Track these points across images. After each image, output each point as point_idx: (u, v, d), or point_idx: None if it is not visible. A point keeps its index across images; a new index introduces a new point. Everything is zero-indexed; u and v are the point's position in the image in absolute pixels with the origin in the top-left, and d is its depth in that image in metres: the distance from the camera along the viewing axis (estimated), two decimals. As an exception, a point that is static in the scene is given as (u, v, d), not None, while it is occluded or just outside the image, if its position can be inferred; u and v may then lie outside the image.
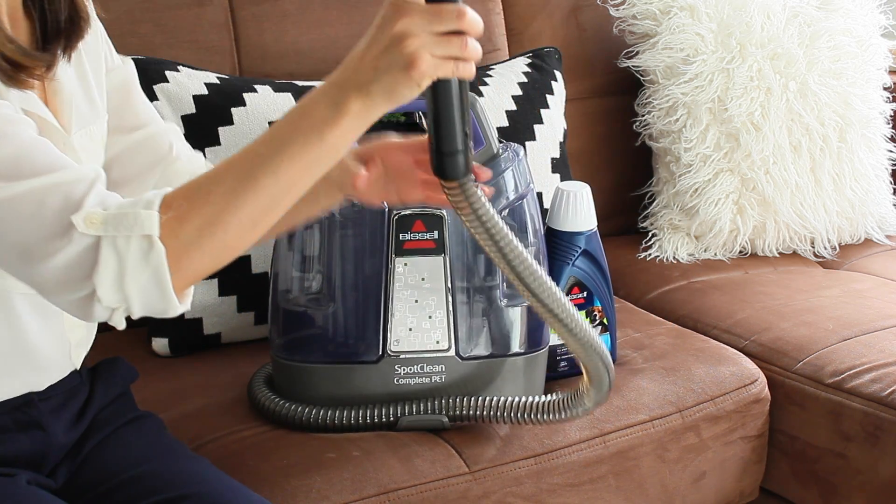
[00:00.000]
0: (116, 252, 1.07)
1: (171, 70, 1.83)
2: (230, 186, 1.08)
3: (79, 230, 1.07)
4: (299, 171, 1.09)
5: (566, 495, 1.60)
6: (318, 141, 1.07)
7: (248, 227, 1.10)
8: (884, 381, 1.73)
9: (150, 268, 1.07)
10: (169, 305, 1.10)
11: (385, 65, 1.05)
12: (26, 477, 1.26)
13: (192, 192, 1.09)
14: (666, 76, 2.18)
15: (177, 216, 1.07)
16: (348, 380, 1.56)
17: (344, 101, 1.06)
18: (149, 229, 1.07)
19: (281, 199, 1.10)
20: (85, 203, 1.08)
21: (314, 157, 1.08)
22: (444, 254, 1.54)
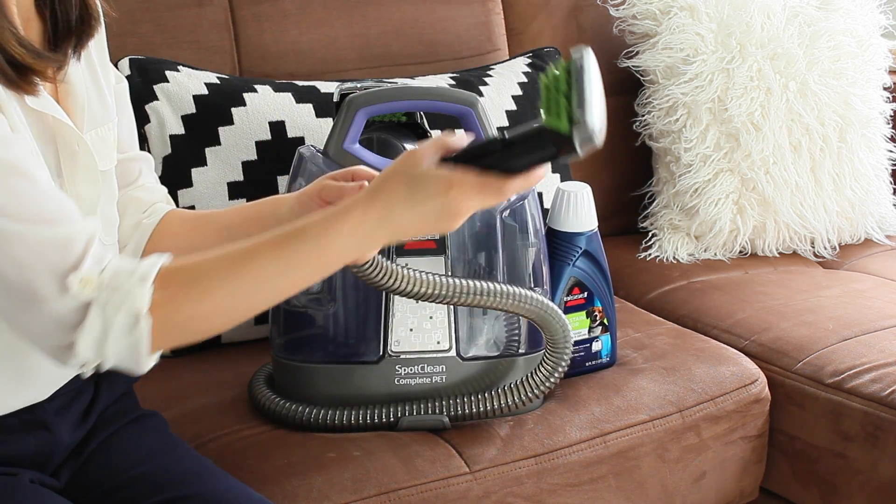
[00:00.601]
0: (104, 318, 1.10)
1: (171, 70, 1.83)
2: (230, 290, 1.12)
3: (72, 291, 1.09)
4: (300, 285, 1.16)
5: (566, 495, 1.60)
6: (326, 269, 1.16)
7: (233, 321, 1.15)
8: (884, 381, 1.73)
9: (131, 339, 1.10)
10: (138, 368, 1.13)
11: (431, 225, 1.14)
12: (29, 476, 1.27)
13: (190, 280, 1.12)
14: (666, 76, 2.18)
15: (169, 301, 1.10)
16: (349, 380, 1.56)
17: (375, 243, 1.16)
18: (138, 307, 1.09)
19: (272, 302, 1.16)
20: (83, 264, 1.10)
21: (318, 279, 1.17)
22: (444, 254, 1.54)
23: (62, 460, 1.33)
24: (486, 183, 1.12)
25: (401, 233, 1.15)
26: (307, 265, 1.13)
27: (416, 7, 2.10)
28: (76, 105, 1.27)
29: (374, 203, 1.13)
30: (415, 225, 1.14)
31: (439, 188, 1.12)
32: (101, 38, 1.36)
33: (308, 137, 1.83)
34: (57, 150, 1.24)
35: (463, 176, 1.12)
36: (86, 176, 1.27)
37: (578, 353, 1.72)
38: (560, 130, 1.08)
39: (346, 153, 1.56)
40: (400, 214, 1.13)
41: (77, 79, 1.27)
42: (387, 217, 1.13)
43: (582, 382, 1.71)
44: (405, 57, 2.07)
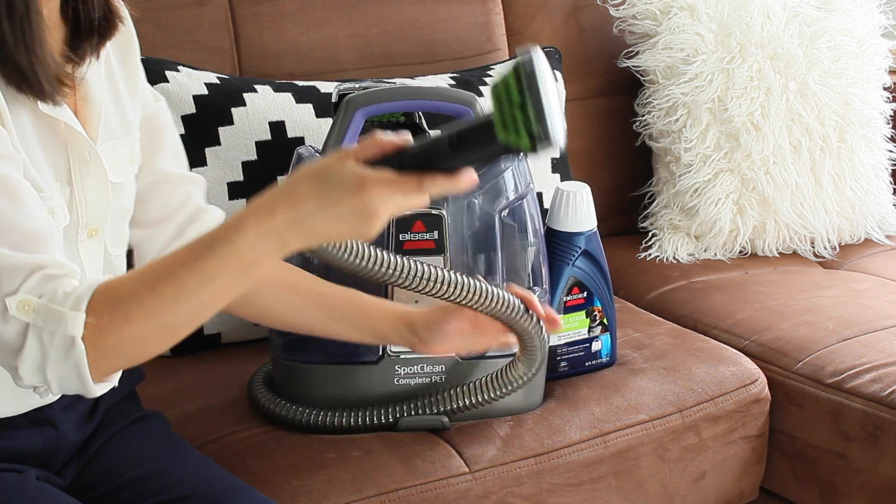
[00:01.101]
0: (41, 343, 1.10)
1: (171, 70, 1.83)
2: (151, 311, 1.09)
3: (10, 312, 1.09)
4: (222, 298, 1.11)
5: (566, 495, 1.60)
6: (245, 277, 1.10)
7: (169, 339, 1.13)
8: (884, 381, 1.73)
9: (70, 363, 1.10)
10: (88, 392, 1.13)
11: (346, 234, 1.08)
12: (36, 473, 1.27)
13: (115, 304, 1.10)
14: (666, 76, 2.18)
15: (98, 327, 1.09)
16: (348, 380, 1.56)
17: (282, 248, 1.09)
18: (72, 331, 1.09)
19: (203, 317, 1.12)
20: (21, 286, 1.10)
21: (240, 287, 1.11)
22: (443, 254, 1.54)
23: (67, 459, 1.34)
24: (404, 181, 1.06)
25: (315, 235, 1.09)
26: (223, 274, 1.09)
27: (416, 7, 2.10)
28: (92, 115, 1.27)
29: (279, 204, 1.08)
30: (330, 227, 1.07)
31: (352, 187, 1.06)
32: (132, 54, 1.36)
33: (308, 137, 1.83)
34: (68, 157, 1.24)
35: (377, 174, 1.06)
36: (96, 185, 1.27)
37: (578, 352, 1.72)
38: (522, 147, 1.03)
39: (346, 153, 1.56)
40: (311, 216, 1.07)
41: (96, 89, 1.27)
42: (296, 220, 1.07)
43: (582, 382, 1.71)
44: (405, 57, 2.07)
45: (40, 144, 1.20)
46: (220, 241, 1.09)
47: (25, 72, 1.16)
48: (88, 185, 1.26)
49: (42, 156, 1.21)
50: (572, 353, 1.72)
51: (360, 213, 1.06)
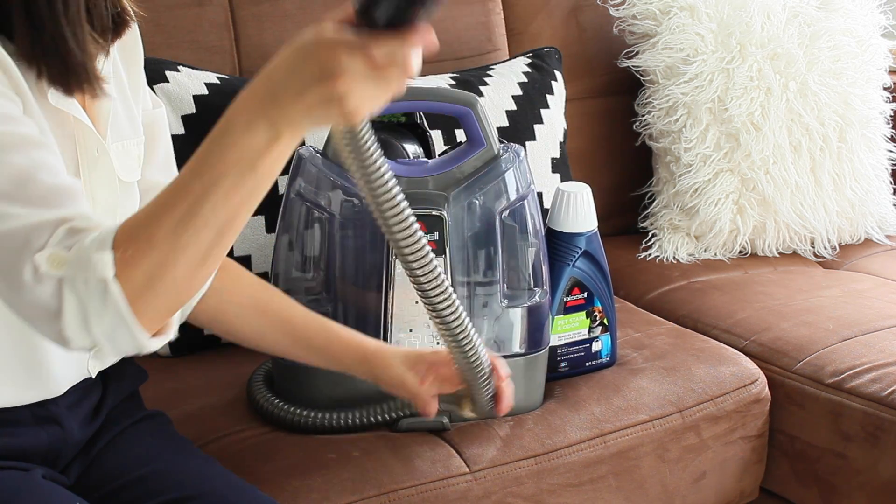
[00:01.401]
0: (77, 295, 1.05)
1: (171, 70, 1.83)
2: (170, 228, 1.04)
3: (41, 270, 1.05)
4: (238, 202, 1.04)
5: (566, 495, 1.60)
6: (251, 172, 1.03)
7: (198, 263, 1.06)
8: (884, 381, 1.73)
9: (110, 310, 1.04)
10: (139, 343, 1.07)
11: (314, 99, 0.99)
12: (42, 472, 1.27)
13: (135, 233, 1.05)
14: (666, 76, 2.18)
15: (124, 260, 1.04)
16: (348, 380, 1.56)
17: (274, 132, 1.01)
18: (101, 272, 1.03)
19: (225, 230, 1.06)
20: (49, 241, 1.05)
21: (251, 186, 1.04)
22: (444, 254, 1.54)
23: (72, 457, 1.34)
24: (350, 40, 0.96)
25: (287, 108, 1.00)
26: (228, 172, 1.02)
27: (416, 7, 2.09)
28: (101, 113, 1.27)
29: (259, 79, 1.02)
30: (295, 95, 0.98)
31: (308, 52, 0.98)
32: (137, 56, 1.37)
33: (308, 138, 1.83)
34: (76, 153, 1.24)
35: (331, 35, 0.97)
36: (104, 181, 1.27)
37: (578, 353, 1.72)
38: None
39: (346, 153, 1.56)
40: (281, 84, 0.99)
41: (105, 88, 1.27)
42: (270, 91, 1.00)
43: (582, 382, 1.71)
44: (405, 57, 2.07)
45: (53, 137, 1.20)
46: (218, 133, 1.03)
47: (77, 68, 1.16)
48: (97, 182, 1.25)
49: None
50: (572, 354, 1.72)
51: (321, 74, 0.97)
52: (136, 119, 1.35)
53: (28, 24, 1.15)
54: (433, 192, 1.54)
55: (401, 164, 1.58)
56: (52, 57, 1.15)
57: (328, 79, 0.97)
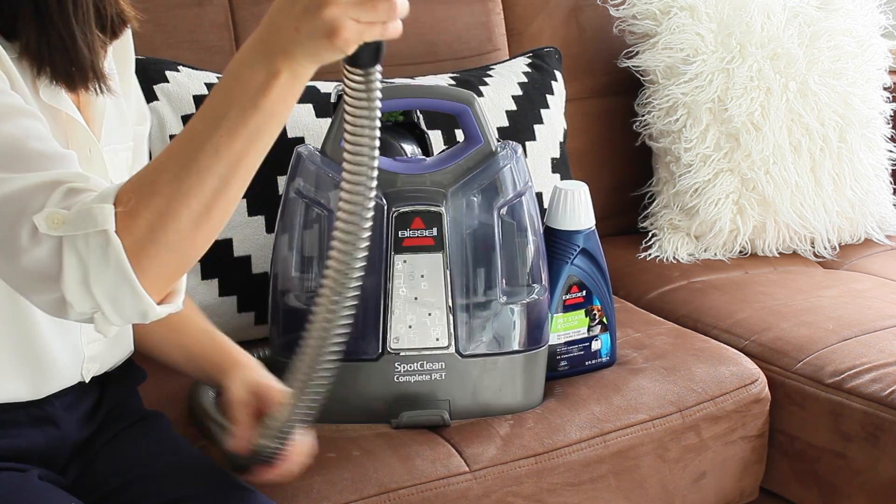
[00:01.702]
0: (77, 253, 1.03)
1: (171, 70, 1.83)
2: (173, 173, 1.02)
3: (41, 230, 1.03)
4: (242, 145, 1.02)
5: (566, 495, 1.60)
6: (253, 109, 1.01)
7: (202, 214, 1.03)
8: (884, 381, 1.73)
9: (111, 266, 1.02)
10: (143, 305, 1.05)
11: (307, 30, 0.97)
12: (38, 473, 1.27)
13: (138, 184, 1.04)
14: (666, 76, 2.18)
15: (126, 211, 1.02)
16: (349, 378, 1.56)
17: (272, 66, 1.00)
18: (102, 224, 1.02)
19: (229, 178, 1.03)
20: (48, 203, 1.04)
21: (254, 127, 1.01)
22: (443, 251, 1.54)
23: (70, 458, 1.34)
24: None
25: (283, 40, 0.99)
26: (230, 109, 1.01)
27: (416, 7, 2.08)
28: (95, 115, 1.27)
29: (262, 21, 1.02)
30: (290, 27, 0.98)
31: None
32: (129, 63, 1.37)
33: (308, 137, 1.83)
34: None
35: None
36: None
37: (578, 352, 1.72)
38: None
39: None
40: (277, 18, 0.99)
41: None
42: (268, 27, 1.00)
43: (582, 382, 1.71)
44: (405, 57, 2.07)
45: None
46: (223, 76, 1.02)
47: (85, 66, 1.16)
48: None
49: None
50: (572, 353, 1.72)
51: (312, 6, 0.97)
52: (127, 123, 1.35)
53: (37, 23, 1.15)
54: (431, 189, 1.54)
55: (399, 162, 1.58)
56: (60, 55, 1.16)
57: (319, 6, 0.96)
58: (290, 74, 1.00)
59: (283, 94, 1.01)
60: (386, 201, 1.53)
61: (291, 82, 1.01)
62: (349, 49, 0.98)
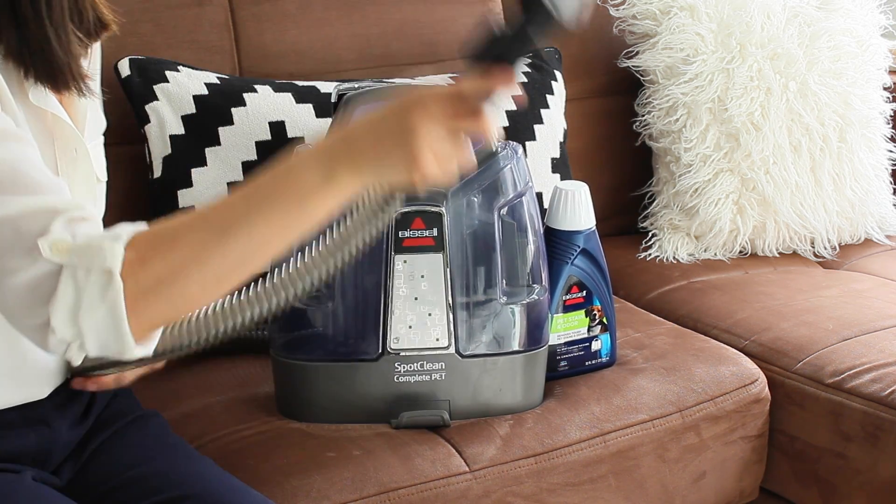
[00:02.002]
0: (75, 283, 1.04)
1: (171, 70, 1.83)
2: (200, 237, 1.05)
3: (43, 255, 1.04)
4: (273, 234, 1.05)
5: (566, 495, 1.60)
6: (297, 208, 1.05)
7: (213, 283, 1.06)
8: (884, 381, 1.73)
9: (106, 304, 1.04)
10: (124, 347, 1.06)
11: (389, 152, 1.03)
12: (32, 474, 1.27)
13: (159, 235, 1.06)
14: (666, 76, 2.18)
15: (139, 258, 1.04)
16: (349, 378, 1.56)
17: (332, 174, 1.04)
18: (110, 263, 1.03)
19: (250, 259, 1.05)
20: (53, 228, 1.05)
21: (291, 221, 1.05)
22: (443, 251, 1.54)
23: (63, 459, 1.34)
24: (436, 92, 1.04)
25: (359, 152, 1.04)
26: (276, 200, 1.04)
27: (416, 7, 2.10)
28: (78, 113, 1.28)
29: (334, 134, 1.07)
30: (372, 144, 1.03)
31: (396, 100, 1.04)
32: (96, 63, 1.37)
33: (308, 137, 1.83)
34: (55, 152, 1.24)
35: (420, 86, 1.04)
36: (83, 181, 1.28)
37: (578, 352, 1.72)
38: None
39: (345, 151, 1.56)
40: (360, 131, 1.04)
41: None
42: (346, 137, 1.04)
43: (582, 382, 1.71)
44: (405, 57, 2.07)
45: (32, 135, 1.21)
46: (277, 164, 1.05)
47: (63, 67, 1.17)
48: (76, 180, 1.26)
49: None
50: (572, 353, 1.72)
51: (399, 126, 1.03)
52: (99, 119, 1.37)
53: (13, 24, 1.16)
54: (432, 189, 1.54)
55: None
56: (37, 57, 1.17)
57: (409, 132, 1.02)
58: (345, 186, 1.05)
59: (329, 201, 1.05)
60: None
61: (344, 194, 1.05)
62: (420, 187, 1.04)
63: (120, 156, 1.85)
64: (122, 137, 1.81)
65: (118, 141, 1.84)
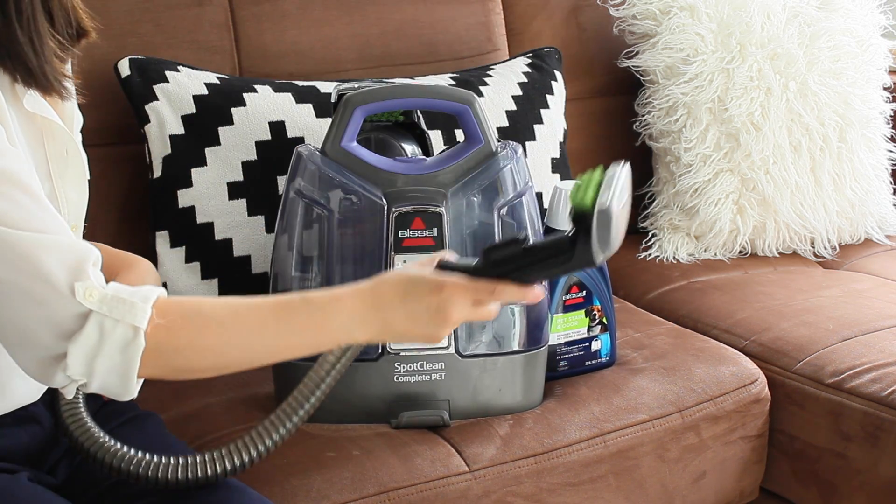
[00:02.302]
0: (101, 331, 1.12)
1: (171, 70, 1.83)
2: (227, 338, 1.16)
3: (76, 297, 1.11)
4: (286, 354, 1.19)
5: (566, 495, 1.60)
6: (316, 345, 1.20)
7: (220, 368, 1.20)
8: (884, 381, 1.73)
9: (124, 357, 1.13)
10: (126, 394, 1.16)
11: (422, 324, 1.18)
12: (27, 474, 1.27)
13: (191, 312, 1.16)
14: (666, 76, 2.18)
15: (167, 327, 1.14)
16: (349, 378, 1.56)
17: (358, 338, 1.19)
18: (140, 322, 1.12)
19: (261, 361, 1.20)
20: (89, 274, 1.12)
21: (305, 350, 1.19)
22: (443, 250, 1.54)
23: (58, 458, 1.34)
24: (477, 287, 1.16)
25: (392, 329, 1.18)
26: (302, 332, 1.17)
27: (416, 7, 2.10)
28: (65, 111, 1.30)
29: (371, 293, 1.18)
30: (406, 323, 1.17)
31: (431, 287, 1.16)
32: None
33: (308, 137, 1.83)
34: (46, 154, 1.26)
35: (455, 279, 1.16)
36: (74, 181, 1.30)
37: (578, 352, 1.72)
38: (582, 208, 1.14)
39: (344, 151, 1.56)
40: (392, 309, 1.16)
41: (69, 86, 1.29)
42: (377, 308, 1.17)
43: (581, 382, 1.71)
44: (405, 57, 2.07)
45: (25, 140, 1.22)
46: (314, 306, 1.18)
47: (35, 70, 1.19)
48: (68, 181, 1.28)
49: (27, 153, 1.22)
50: (572, 353, 1.72)
51: (436, 313, 1.16)
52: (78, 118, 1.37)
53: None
54: (432, 189, 1.54)
55: (399, 162, 1.58)
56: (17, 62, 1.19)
57: (443, 320, 1.17)
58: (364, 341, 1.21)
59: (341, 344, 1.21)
60: (386, 201, 1.53)
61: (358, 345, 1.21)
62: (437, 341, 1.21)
63: (120, 156, 1.86)
64: (122, 137, 1.81)
65: (118, 141, 1.85)
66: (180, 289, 1.76)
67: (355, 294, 1.18)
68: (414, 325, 1.18)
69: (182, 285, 1.78)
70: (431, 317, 1.17)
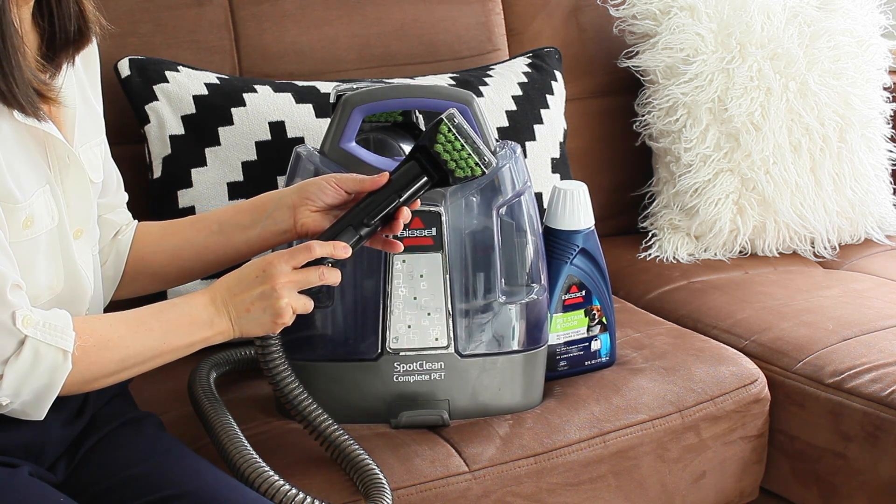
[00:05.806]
0: (36, 353, 1.20)
1: (171, 70, 1.83)
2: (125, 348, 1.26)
3: (16, 325, 1.19)
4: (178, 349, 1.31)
5: (566, 495, 1.60)
6: (188, 349, 1.32)
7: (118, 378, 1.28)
8: (884, 381, 1.73)
9: (52, 379, 1.21)
10: (37, 415, 1.24)
11: (258, 311, 1.30)
12: (28, 469, 1.27)
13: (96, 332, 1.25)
14: (666, 76, 2.18)
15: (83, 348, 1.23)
16: (348, 378, 1.56)
17: (219, 325, 1.31)
18: (67, 346, 1.21)
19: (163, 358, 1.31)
20: (16, 302, 1.19)
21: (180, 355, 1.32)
22: (442, 251, 1.54)
23: (57, 455, 1.34)
24: (293, 250, 1.29)
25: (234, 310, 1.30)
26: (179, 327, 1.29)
27: (416, 7, 2.10)
28: (66, 119, 1.30)
29: (207, 291, 1.31)
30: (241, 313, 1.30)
31: (257, 267, 1.30)
32: (93, 57, 1.38)
33: (308, 138, 1.83)
34: (48, 160, 1.27)
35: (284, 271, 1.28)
36: (77, 186, 1.31)
37: (577, 352, 1.72)
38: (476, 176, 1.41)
39: (343, 151, 1.56)
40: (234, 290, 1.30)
41: (69, 94, 1.30)
42: (223, 297, 1.30)
43: (581, 382, 1.71)
44: (405, 57, 2.07)
45: (21, 147, 1.22)
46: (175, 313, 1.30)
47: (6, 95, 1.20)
48: (69, 186, 1.29)
49: (23, 158, 1.23)
50: (571, 353, 1.72)
51: (263, 293, 1.29)
52: (98, 117, 1.38)
53: None
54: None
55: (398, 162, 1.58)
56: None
57: (272, 296, 1.29)
58: (229, 334, 1.32)
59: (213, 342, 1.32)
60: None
61: (225, 339, 1.32)
62: (286, 319, 1.32)
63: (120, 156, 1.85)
64: (122, 137, 1.81)
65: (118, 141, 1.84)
66: (180, 289, 1.76)
67: (207, 289, 1.31)
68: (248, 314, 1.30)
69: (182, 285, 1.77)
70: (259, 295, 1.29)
